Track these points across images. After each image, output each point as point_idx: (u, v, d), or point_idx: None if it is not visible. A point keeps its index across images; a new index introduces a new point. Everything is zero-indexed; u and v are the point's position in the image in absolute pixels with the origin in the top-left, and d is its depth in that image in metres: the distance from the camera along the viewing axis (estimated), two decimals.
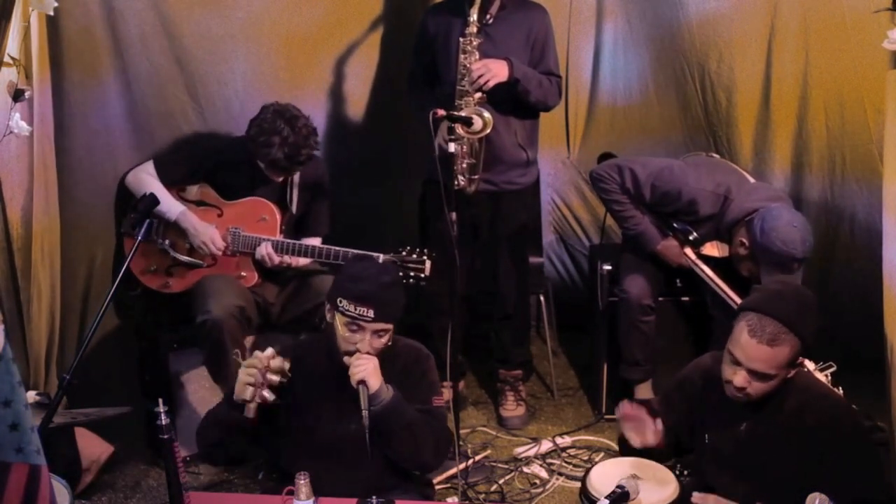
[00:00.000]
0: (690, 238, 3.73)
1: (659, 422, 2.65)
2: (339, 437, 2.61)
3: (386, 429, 2.56)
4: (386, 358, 2.64)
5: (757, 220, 3.46)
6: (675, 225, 3.76)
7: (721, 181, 3.66)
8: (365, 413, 2.49)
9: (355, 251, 3.52)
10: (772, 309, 2.43)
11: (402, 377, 2.67)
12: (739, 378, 2.45)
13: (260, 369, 2.50)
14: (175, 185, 3.74)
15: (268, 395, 2.51)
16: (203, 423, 2.72)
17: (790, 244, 3.37)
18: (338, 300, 2.55)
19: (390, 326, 2.60)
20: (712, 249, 3.77)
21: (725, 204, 3.61)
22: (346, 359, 2.57)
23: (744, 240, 3.54)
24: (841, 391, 3.09)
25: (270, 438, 2.71)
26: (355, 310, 2.52)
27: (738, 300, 3.44)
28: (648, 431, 2.63)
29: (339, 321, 2.58)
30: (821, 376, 3.19)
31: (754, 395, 2.48)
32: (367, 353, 2.56)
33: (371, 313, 2.52)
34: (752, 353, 2.42)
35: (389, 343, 2.63)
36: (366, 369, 2.52)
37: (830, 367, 3.26)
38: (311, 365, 2.70)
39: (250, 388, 2.50)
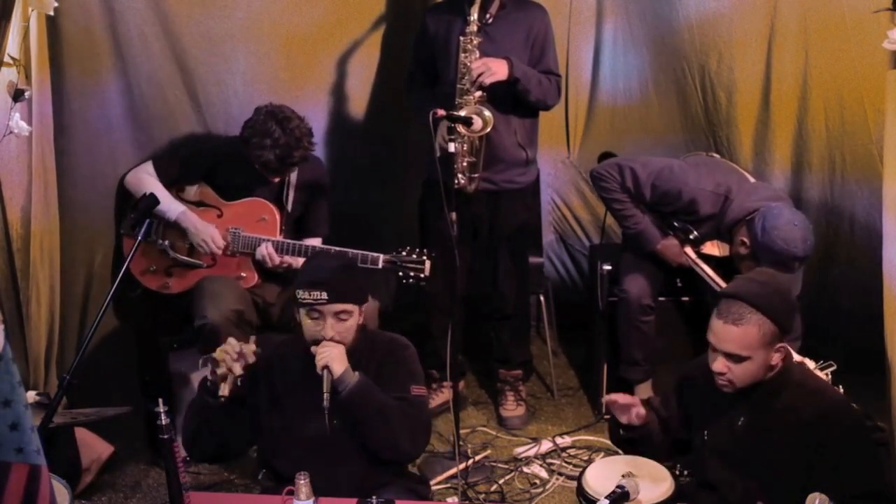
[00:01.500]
0: (691, 237, 3.73)
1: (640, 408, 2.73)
2: (322, 435, 2.62)
3: (355, 414, 2.59)
4: (364, 350, 2.69)
5: (758, 219, 3.46)
6: (675, 224, 3.76)
7: (721, 181, 3.67)
8: (326, 395, 2.53)
9: (355, 251, 3.52)
10: (739, 291, 2.52)
11: (380, 367, 2.70)
12: (718, 364, 2.51)
13: (231, 354, 2.56)
14: (174, 185, 3.74)
15: (238, 370, 2.56)
16: (185, 415, 2.78)
17: (791, 243, 3.37)
18: (296, 293, 2.63)
19: (350, 307, 2.63)
20: (713, 248, 3.77)
21: (726, 204, 3.61)
22: (312, 348, 2.61)
23: (745, 239, 3.54)
24: (841, 391, 3.09)
25: (255, 436, 2.75)
26: (310, 295, 2.59)
27: None
28: (633, 410, 2.69)
29: (302, 314, 2.64)
30: (821, 375, 3.18)
31: (737, 381, 2.52)
32: (333, 339, 2.60)
33: (325, 296, 2.58)
34: (721, 335, 2.49)
35: (353, 325, 2.65)
36: (329, 354, 2.57)
37: (831, 366, 3.25)
38: (289, 365, 2.73)
39: (222, 367, 2.55)
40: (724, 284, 3.65)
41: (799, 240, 3.39)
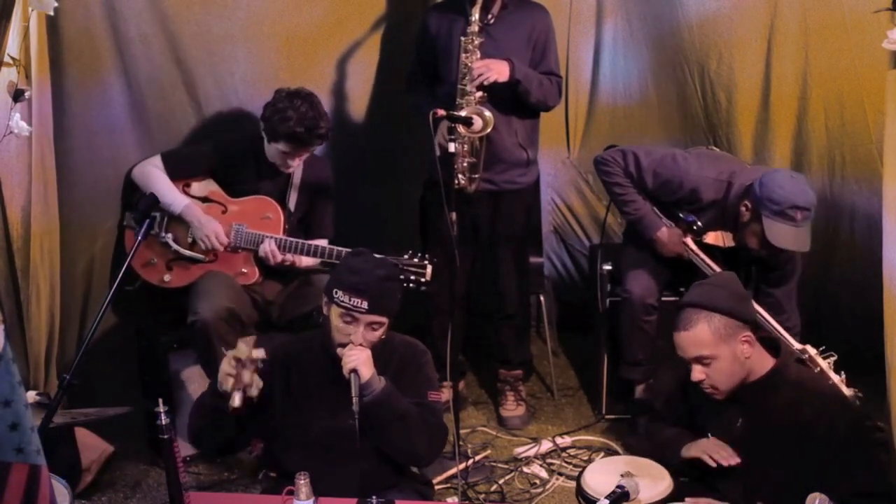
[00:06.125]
0: (694, 227, 3.72)
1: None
2: (334, 433, 2.61)
3: (378, 419, 2.57)
4: (382, 353, 2.66)
5: (756, 181, 3.48)
6: (679, 215, 3.76)
7: (723, 168, 3.68)
8: (355, 399, 2.50)
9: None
10: (683, 300, 2.65)
11: (398, 372, 2.69)
12: (694, 373, 2.57)
13: (242, 360, 2.50)
14: (181, 178, 3.74)
15: (250, 383, 2.51)
16: (192, 411, 2.75)
17: (790, 192, 3.39)
18: (333, 291, 2.60)
19: (384, 320, 2.62)
20: (716, 239, 3.76)
21: (729, 188, 3.62)
22: (339, 350, 2.59)
23: (746, 203, 3.53)
24: (843, 377, 3.09)
25: (262, 430, 2.73)
26: (350, 301, 2.55)
27: None
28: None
29: (334, 313, 2.61)
30: (822, 362, 3.17)
31: (720, 385, 2.57)
32: (360, 345, 2.58)
33: (365, 305, 2.55)
34: (680, 344, 2.58)
35: (383, 337, 2.64)
36: (358, 358, 2.55)
37: (832, 355, 3.24)
38: (307, 361, 2.72)
39: (231, 379, 2.50)
40: None
41: (798, 190, 3.41)
